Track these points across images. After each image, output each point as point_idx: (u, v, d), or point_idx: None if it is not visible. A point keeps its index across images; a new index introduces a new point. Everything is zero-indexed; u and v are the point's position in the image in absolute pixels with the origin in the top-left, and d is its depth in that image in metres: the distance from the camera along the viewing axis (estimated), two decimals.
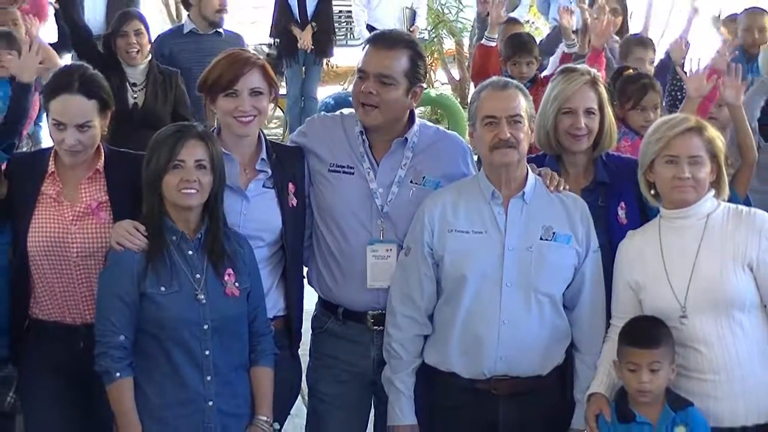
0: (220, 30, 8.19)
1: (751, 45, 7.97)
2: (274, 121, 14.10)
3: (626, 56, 7.41)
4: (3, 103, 6.22)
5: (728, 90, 5.42)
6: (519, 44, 7.70)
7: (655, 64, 7.89)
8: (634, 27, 9.27)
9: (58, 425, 4.29)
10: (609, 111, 4.61)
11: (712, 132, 4.26)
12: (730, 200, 4.43)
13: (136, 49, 7.33)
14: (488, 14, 10.06)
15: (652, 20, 9.68)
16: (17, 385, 4.28)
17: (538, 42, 8.63)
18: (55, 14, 8.67)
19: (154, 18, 10.91)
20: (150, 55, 7.53)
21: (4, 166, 4.53)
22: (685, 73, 5.90)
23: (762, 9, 8.55)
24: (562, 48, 7.56)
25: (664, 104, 6.39)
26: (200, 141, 4.10)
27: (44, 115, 6.58)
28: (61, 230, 4.27)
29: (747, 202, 4.93)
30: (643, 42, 7.81)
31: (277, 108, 12.04)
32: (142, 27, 7.45)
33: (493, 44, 7.99)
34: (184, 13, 15.78)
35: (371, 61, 4.41)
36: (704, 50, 8.01)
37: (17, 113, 5.57)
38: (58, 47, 8.23)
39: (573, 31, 7.77)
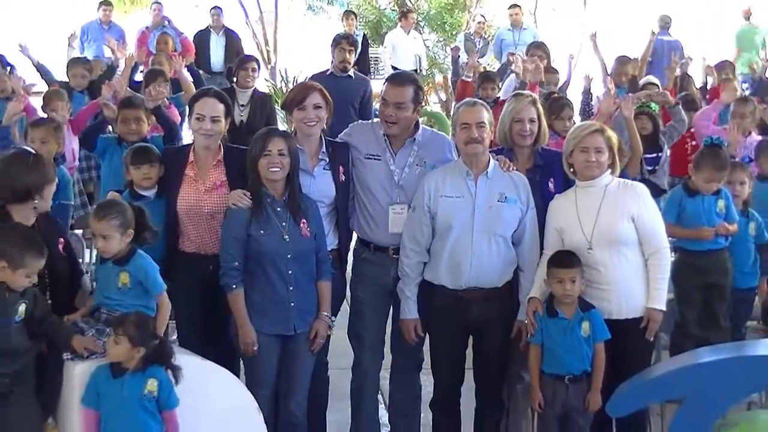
0: (351, 74, 8.34)
1: (619, 84, 8.05)
2: None
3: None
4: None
5: (625, 110, 5.70)
6: (486, 77, 8.22)
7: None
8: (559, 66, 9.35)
9: (193, 317, 4.53)
10: (544, 120, 4.74)
11: (610, 132, 4.53)
12: (622, 176, 4.65)
13: (251, 79, 7.94)
14: (458, 57, 10.62)
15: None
16: (169, 292, 4.36)
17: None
18: (189, 66, 9.05)
19: None
20: (254, 85, 8.05)
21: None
22: (598, 97, 6.29)
23: (627, 58, 8.53)
24: (515, 83, 7.72)
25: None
26: (281, 137, 4.29)
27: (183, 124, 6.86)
28: (198, 199, 4.50)
29: (633, 179, 5.04)
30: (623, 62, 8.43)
31: None
32: (257, 66, 8.08)
33: (470, 80, 8.38)
34: (273, 57, 16.31)
35: (390, 93, 4.57)
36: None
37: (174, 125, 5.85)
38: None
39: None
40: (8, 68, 8.45)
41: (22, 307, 3.67)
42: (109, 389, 3.66)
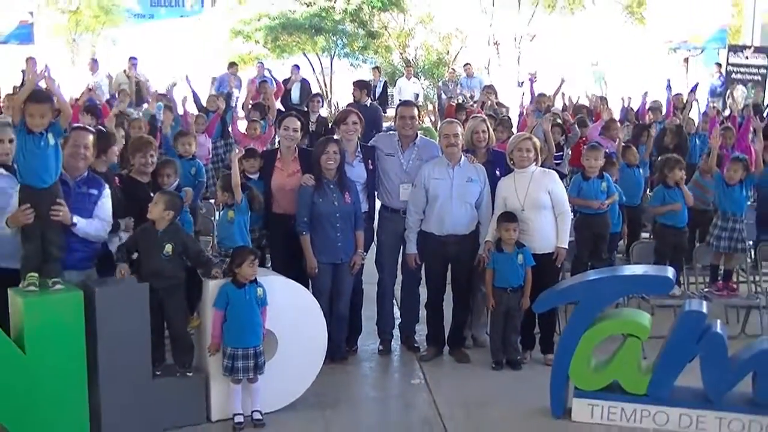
0: (368, 104, 8.09)
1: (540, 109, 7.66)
2: None
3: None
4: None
5: (545, 124, 5.60)
6: (459, 107, 8.07)
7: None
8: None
9: (281, 253, 4.36)
10: (491, 130, 4.62)
11: (535, 139, 4.42)
12: (543, 166, 4.57)
13: (317, 108, 7.91)
14: (441, 95, 10.35)
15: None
16: (268, 239, 4.44)
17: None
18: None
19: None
20: (319, 111, 7.92)
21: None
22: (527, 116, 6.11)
23: (544, 93, 8.02)
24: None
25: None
26: (334, 142, 4.19)
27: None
28: (283, 180, 4.34)
29: (550, 168, 4.90)
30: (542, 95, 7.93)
31: None
32: (320, 99, 8.15)
33: (454, 104, 8.26)
34: (329, 95, 16.17)
35: (406, 112, 4.49)
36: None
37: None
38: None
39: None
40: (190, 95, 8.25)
41: (169, 247, 3.53)
42: (238, 295, 3.56)
